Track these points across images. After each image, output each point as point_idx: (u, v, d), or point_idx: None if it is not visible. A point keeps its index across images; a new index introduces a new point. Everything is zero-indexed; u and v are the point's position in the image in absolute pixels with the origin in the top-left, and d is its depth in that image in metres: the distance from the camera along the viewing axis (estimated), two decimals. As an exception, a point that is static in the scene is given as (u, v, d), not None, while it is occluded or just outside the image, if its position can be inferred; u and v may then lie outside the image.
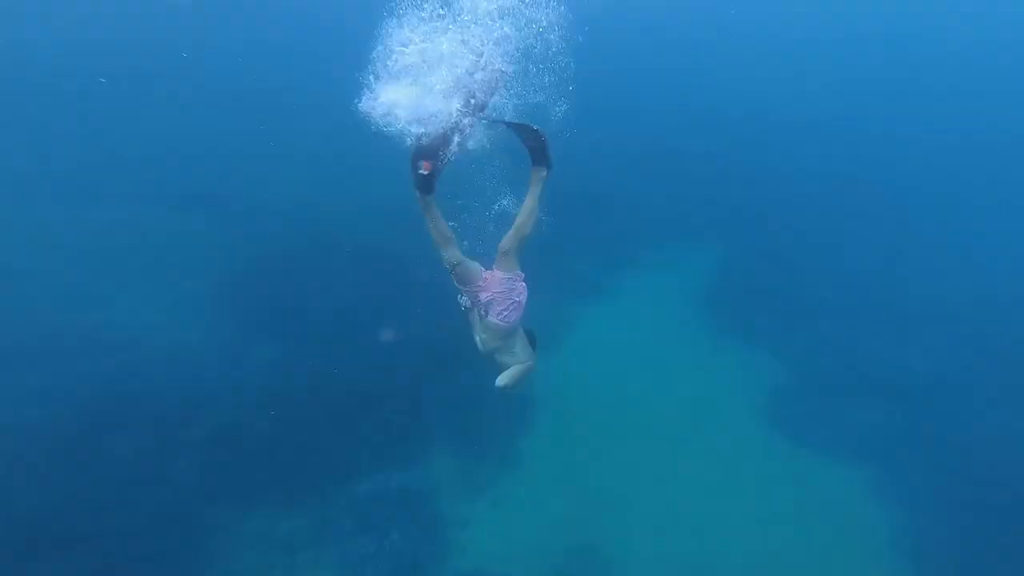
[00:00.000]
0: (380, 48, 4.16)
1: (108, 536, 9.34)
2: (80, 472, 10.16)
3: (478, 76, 4.07)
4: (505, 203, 5.63)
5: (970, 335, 13.91)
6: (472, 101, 4.08)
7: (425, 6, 4.13)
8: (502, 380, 4.91)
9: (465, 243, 4.82)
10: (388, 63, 4.09)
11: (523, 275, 4.77)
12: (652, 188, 18.56)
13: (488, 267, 4.71)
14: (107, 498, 9.91)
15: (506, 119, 4.43)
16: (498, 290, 4.55)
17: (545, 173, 4.55)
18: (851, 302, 14.98)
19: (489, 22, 4.07)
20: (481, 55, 4.09)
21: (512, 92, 4.36)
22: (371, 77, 4.16)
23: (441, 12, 4.12)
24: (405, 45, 4.12)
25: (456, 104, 4.05)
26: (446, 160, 4.19)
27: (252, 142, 17.37)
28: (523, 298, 4.69)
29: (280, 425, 11.48)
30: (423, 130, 4.12)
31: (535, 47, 4.28)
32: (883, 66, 31.99)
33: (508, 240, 4.57)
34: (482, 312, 4.64)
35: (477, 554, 9.39)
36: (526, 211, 4.55)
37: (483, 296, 4.57)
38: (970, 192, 19.45)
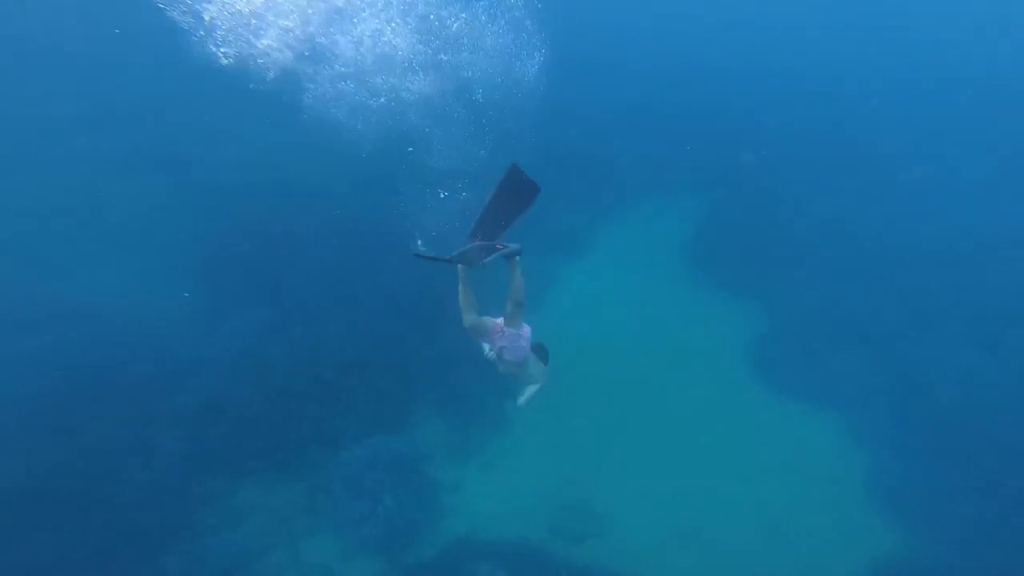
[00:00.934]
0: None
1: (103, 508, 9.31)
2: (64, 445, 10.00)
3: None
4: None
5: (941, 281, 14.10)
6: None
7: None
8: (522, 400, 6.39)
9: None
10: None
11: (527, 328, 5.89)
12: (632, 142, 18.32)
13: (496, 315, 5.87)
14: (96, 471, 9.81)
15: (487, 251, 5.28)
16: (508, 343, 5.74)
17: (518, 257, 5.56)
18: (827, 251, 15.08)
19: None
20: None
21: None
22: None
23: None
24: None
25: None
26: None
27: (217, 101, 16.42)
28: (527, 342, 5.82)
29: (265, 393, 11.40)
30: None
31: None
32: (865, 22, 31.30)
33: (509, 311, 5.69)
34: (498, 353, 5.82)
35: (471, 516, 9.55)
36: (515, 288, 5.60)
37: (497, 344, 5.75)
38: (941, 142, 19.43)
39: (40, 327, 11.42)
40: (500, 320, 5.82)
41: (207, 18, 6.47)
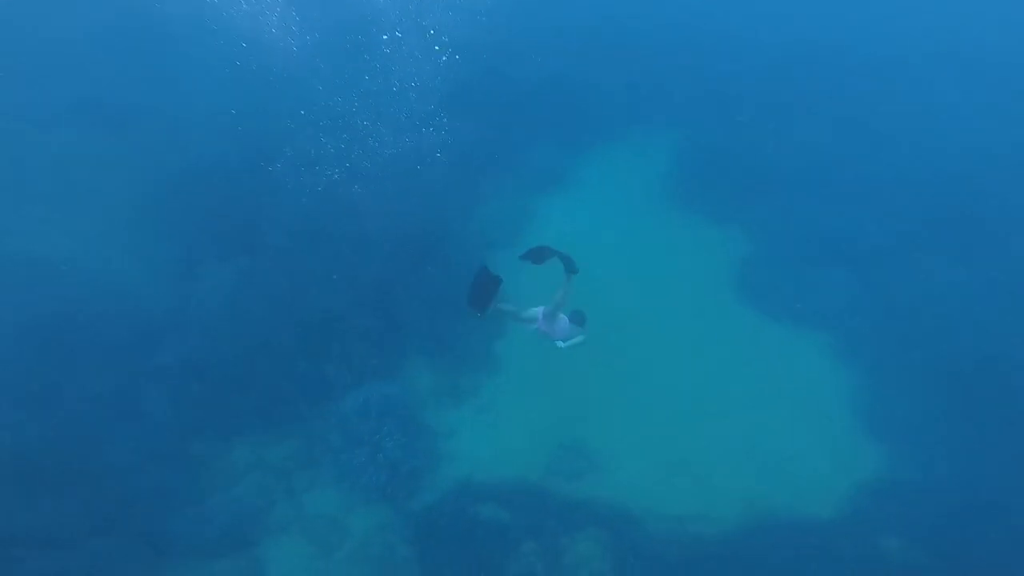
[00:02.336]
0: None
1: (100, 476, 9.24)
2: (47, 415, 9.78)
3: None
4: None
5: (920, 199, 14.01)
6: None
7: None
8: (564, 345, 8.30)
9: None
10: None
11: (563, 318, 8.22)
12: (606, 71, 17.43)
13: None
14: (85, 439, 9.66)
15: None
16: (548, 328, 8.16)
17: (574, 275, 7.66)
18: (808, 173, 14.82)
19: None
20: None
21: None
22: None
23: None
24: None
25: None
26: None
27: (177, 47, 14.95)
28: (563, 328, 8.12)
29: (249, 348, 11.15)
30: None
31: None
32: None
33: (551, 310, 8.04)
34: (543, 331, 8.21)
35: (469, 460, 9.72)
36: (561, 295, 7.86)
37: (541, 328, 8.22)
38: (922, 61, 18.58)
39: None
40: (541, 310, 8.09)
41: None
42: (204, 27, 16.25)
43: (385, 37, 16.87)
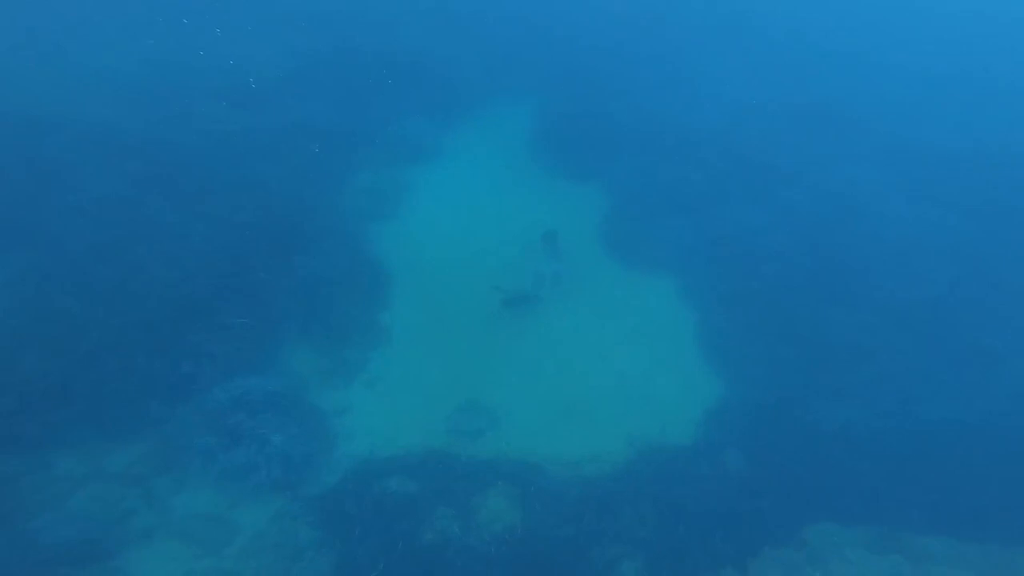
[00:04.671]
0: None
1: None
2: None
3: None
4: None
5: (727, 149, 16.21)
6: None
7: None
8: None
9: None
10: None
11: None
12: (464, 44, 17.84)
13: None
14: None
15: None
16: None
17: None
18: (650, 132, 16.51)
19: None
20: None
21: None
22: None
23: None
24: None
25: None
26: None
27: None
28: None
29: (59, 351, 9.24)
30: None
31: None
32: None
33: None
34: None
35: (367, 435, 9.38)
36: None
37: None
38: (722, 34, 21.35)
39: None
40: None
41: None
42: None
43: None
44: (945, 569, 9.38)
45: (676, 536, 8.93)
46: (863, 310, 12.22)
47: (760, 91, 18.52)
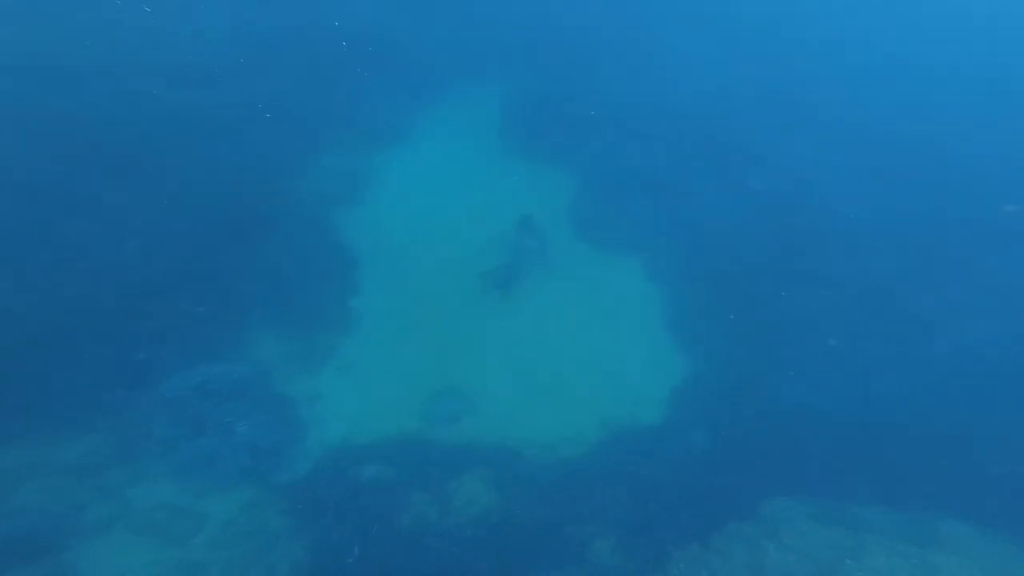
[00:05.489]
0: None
1: None
2: None
3: None
4: None
5: (694, 132, 16.41)
6: None
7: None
8: None
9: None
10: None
11: None
12: (434, 24, 17.44)
13: None
14: None
15: None
16: None
17: None
18: (619, 115, 16.54)
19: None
20: None
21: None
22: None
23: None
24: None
25: None
26: None
27: None
28: None
29: (13, 337, 8.62)
30: None
31: None
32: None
33: None
34: None
35: (340, 421, 9.16)
36: None
37: None
38: (688, 25, 21.33)
39: None
40: None
41: None
42: None
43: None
44: (878, 537, 10.13)
45: (647, 513, 9.20)
46: (818, 287, 12.72)
47: (726, 76, 18.88)
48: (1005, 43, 22.07)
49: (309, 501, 8.06)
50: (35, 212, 10.52)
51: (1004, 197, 15.22)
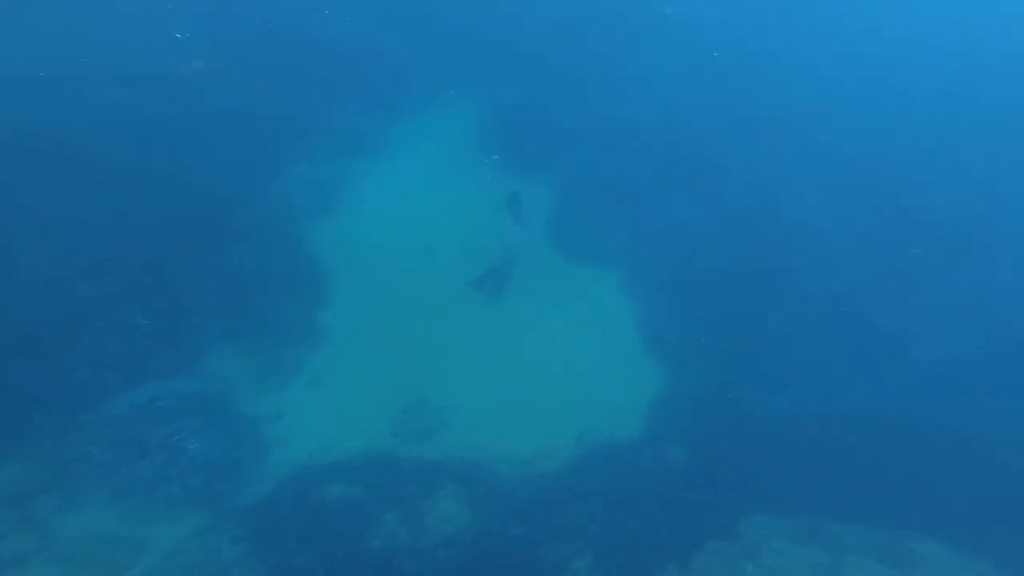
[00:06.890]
0: None
1: None
2: None
3: None
4: None
5: (666, 144, 16.48)
6: None
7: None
8: None
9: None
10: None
11: None
12: (406, 33, 17.36)
13: None
14: None
15: None
16: None
17: None
18: (593, 127, 16.51)
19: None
20: None
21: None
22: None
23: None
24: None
25: None
26: None
27: None
28: None
29: None
30: None
31: None
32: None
33: None
34: None
35: (304, 440, 8.55)
36: None
37: None
38: (665, 34, 21.97)
39: None
40: None
41: None
42: None
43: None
44: (856, 557, 10.10)
45: (625, 531, 8.89)
46: (788, 300, 12.86)
47: (700, 92, 19.17)
48: (976, 65, 22.84)
49: (269, 525, 7.38)
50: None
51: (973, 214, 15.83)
